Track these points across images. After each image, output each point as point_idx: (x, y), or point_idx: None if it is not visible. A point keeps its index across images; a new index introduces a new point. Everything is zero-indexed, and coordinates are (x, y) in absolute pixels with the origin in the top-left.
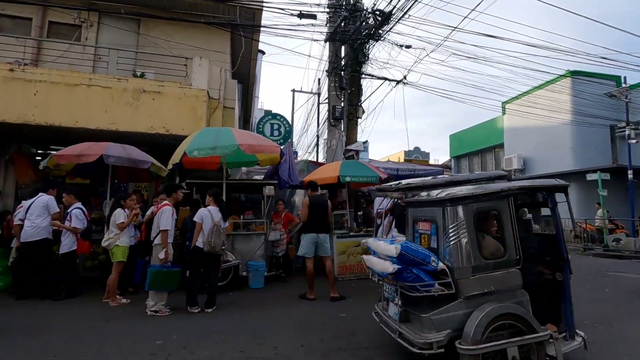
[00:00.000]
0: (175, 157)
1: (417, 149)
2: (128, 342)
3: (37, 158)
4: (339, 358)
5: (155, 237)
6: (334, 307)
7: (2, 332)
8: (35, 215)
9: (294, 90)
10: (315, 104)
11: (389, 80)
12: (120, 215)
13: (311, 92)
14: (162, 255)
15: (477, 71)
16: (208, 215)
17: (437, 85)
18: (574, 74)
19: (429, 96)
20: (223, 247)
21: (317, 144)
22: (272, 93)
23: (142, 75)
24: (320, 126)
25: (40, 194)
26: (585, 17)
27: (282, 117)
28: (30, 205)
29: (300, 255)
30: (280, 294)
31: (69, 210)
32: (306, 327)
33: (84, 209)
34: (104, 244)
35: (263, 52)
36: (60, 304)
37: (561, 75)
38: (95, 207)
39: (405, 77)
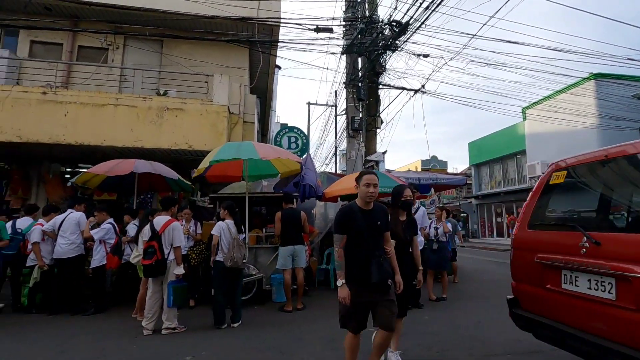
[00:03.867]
0: (199, 170)
1: (434, 157)
2: (158, 359)
3: (67, 176)
4: None
5: (168, 254)
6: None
7: (34, 347)
8: (69, 232)
9: (309, 103)
10: (332, 116)
11: (407, 89)
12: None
13: (327, 105)
14: (178, 271)
15: (497, 77)
16: (226, 228)
17: (456, 94)
18: (597, 76)
19: (444, 105)
20: (244, 261)
21: (335, 155)
22: (288, 106)
23: (165, 94)
24: (338, 137)
25: (69, 210)
26: (606, 17)
27: (299, 129)
28: (62, 222)
29: (278, 267)
30: (308, 306)
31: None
32: (334, 342)
33: (115, 224)
34: (133, 260)
35: (279, 67)
36: (89, 319)
37: (584, 78)
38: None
39: (423, 86)
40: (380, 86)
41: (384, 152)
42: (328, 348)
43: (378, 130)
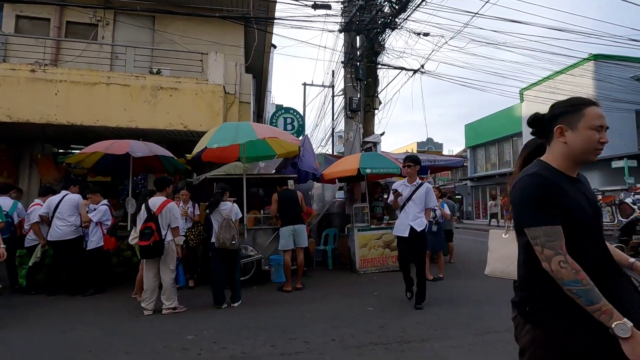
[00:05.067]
0: (196, 151)
1: (430, 140)
2: (160, 338)
3: (60, 157)
4: (373, 353)
5: (165, 235)
6: (360, 301)
7: (38, 328)
8: (67, 215)
9: (305, 84)
10: (329, 97)
11: (406, 69)
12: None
13: (323, 86)
14: (179, 241)
15: (497, 57)
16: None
17: (455, 74)
18: (597, 57)
19: (441, 87)
20: (233, 242)
21: (332, 137)
22: (284, 88)
23: (158, 72)
24: (335, 119)
25: (63, 192)
26: None
27: (295, 110)
28: (59, 204)
29: (280, 248)
30: (308, 286)
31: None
32: (335, 321)
33: (110, 205)
34: (131, 241)
35: (275, 46)
36: (89, 299)
37: (584, 59)
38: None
39: (422, 66)
40: (379, 66)
41: (382, 134)
42: (329, 327)
43: (376, 111)
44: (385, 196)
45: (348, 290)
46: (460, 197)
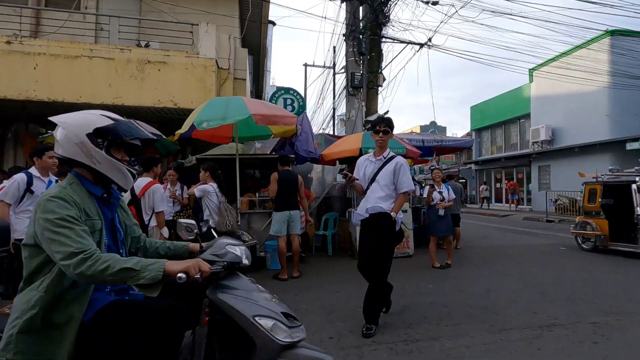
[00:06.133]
0: (184, 128)
1: (433, 123)
2: None
3: (40, 137)
4: (376, 354)
5: (149, 220)
6: (360, 291)
7: None
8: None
9: (306, 65)
10: (330, 78)
11: (413, 43)
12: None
13: (324, 66)
14: (165, 233)
15: (510, 29)
16: (212, 191)
17: (464, 48)
18: (613, 33)
19: (444, 69)
20: (237, 226)
21: (333, 117)
22: (284, 69)
23: (147, 46)
24: (336, 99)
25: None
26: None
27: (295, 91)
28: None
29: (272, 234)
30: (305, 274)
31: None
32: (332, 315)
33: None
34: None
35: (273, 23)
36: None
37: (600, 34)
38: None
39: (430, 40)
40: (383, 39)
41: (386, 113)
42: (326, 321)
43: (380, 89)
44: None
45: (348, 279)
46: (464, 180)
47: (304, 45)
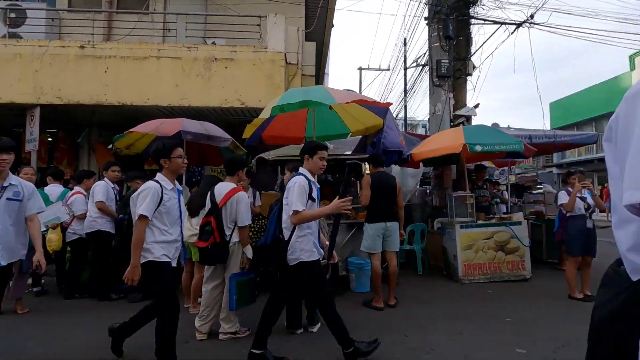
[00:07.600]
0: (247, 133)
1: (495, 124)
2: None
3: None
4: None
5: (231, 235)
6: (493, 332)
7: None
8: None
9: (360, 69)
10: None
11: (508, 23)
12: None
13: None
14: (248, 253)
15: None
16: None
17: (572, 24)
18: None
19: (503, 70)
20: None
21: (405, 116)
22: (338, 73)
23: (213, 44)
24: (408, 95)
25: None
26: None
27: (353, 91)
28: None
29: (364, 250)
30: (401, 301)
31: None
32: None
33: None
34: (188, 239)
35: (332, 25)
36: (135, 306)
37: None
38: None
39: (532, 16)
40: (473, 20)
41: (476, 106)
42: None
43: (469, 78)
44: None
45: (462, 310)
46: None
47: (359, 48)
